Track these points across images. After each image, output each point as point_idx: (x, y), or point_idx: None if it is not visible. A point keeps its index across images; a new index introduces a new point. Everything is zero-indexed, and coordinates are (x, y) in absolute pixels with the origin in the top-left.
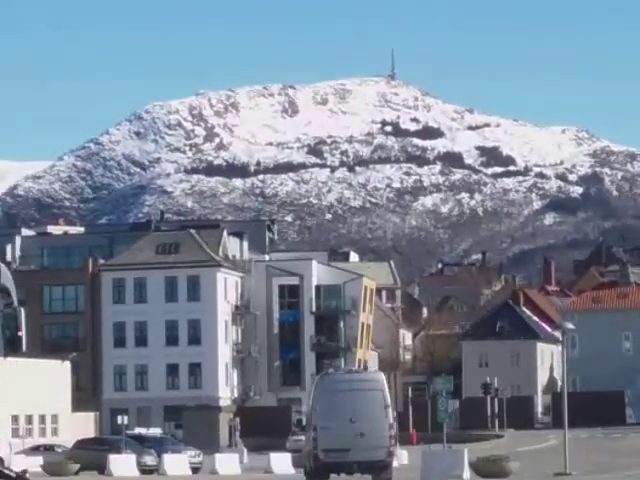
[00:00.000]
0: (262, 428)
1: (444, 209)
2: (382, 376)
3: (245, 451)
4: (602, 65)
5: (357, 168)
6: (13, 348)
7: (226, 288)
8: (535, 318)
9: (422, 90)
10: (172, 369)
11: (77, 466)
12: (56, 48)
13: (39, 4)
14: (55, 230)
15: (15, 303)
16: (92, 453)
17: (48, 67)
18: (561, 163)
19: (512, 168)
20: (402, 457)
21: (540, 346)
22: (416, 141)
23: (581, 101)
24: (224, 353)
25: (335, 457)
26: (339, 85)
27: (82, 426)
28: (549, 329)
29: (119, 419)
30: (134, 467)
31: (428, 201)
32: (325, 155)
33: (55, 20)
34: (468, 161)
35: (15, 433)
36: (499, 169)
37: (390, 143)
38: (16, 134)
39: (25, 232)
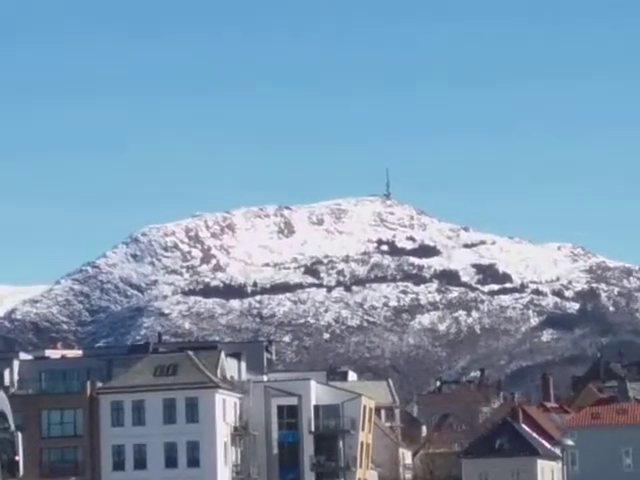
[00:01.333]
0: None
1: (441, 327)
2: None
3: None
4: (597, 181)
5: (354, 287)
6: (11, 473)
7: (225, 409)
8: (535, 435)
9: (417, 209)
10: None
11: None
12: (53, 172)
13: (33, 132)
14: (53, 354)
15: (12, 428)
16: None
17: (45, 191)
18: (557, 279)
19: (508, 285)
20: None
21: (540, 463)
22: (412, 259)
23: (576, 217)
24: (224, 475)
25: None
26: (335, 205)
27: None
28: (549, 446)
29: None
30: None
31: (425, 319)
32: (322, 275)
33: (52, 143)
34: (464, 279)
35: None
36: (496, 286)
37: (386, 262)
38: (13, 258)
39: (23, 356)
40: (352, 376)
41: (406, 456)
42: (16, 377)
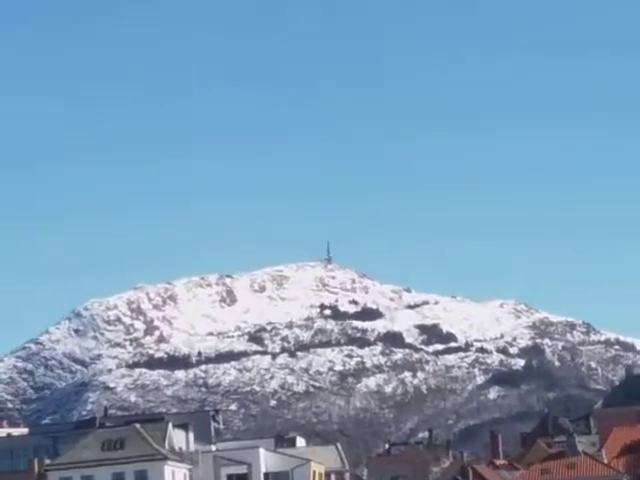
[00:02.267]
0: None
1: (388, 389)
2: None
3: None
4: (537, 236)
5: (298, 353)
6: None
7: None
8: None
9: (359, 272)
10: None
11: None
12: None
13: None
14: None
15: None
16: None
17: None
18: (501, 337)
19: (453, 344)
20: None
21: None
22: (356, 323)
23: (517, 274)
24: None
25: None
26: (276, 272)
27: None
28: None
29: None
30: None
31: (371, 382)
32: (266, 342)
33: None
34: (409, 340)
35: None
36: (440, 346)
37: (330, 326)
38: None
39: None
40: (300, 442)
41: None
42: None
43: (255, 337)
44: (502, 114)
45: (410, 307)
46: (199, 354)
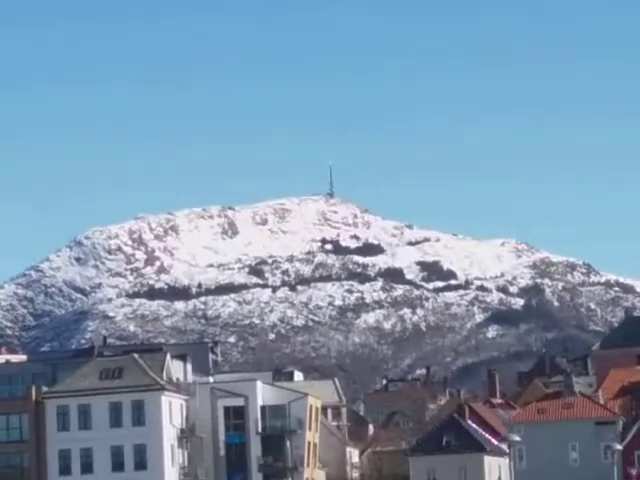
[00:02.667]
0: None
1: (387, 325)
2: None
3: None
4: (540, 175)
5: (299, 287)
6: None
7: (171, 412)
8: (481, 431)
9: (361, 207)
10: None
11: None
12: None
13: None
14: None
15: None
16: None
17: None
18: (502, 275)
19: (453, 282)
20: None
21: (487, 459)
22: (357, 258)
23: (520, 213)
24: (171, 478)
25: None
26: (278, 205)
27: None
28: (496, 442)
29: None
30: None
31: (370, 318)
32: (266, 275)
33: None
34: (409, 277)
35: None
36: (440, 284)
37: (331, 261)
38: None
39: None
40: (298, 376)
41: (353, 455)
42: None
43: (256, 270)
44: (505, 48)
45: (411, 244)
46: (199, 285)
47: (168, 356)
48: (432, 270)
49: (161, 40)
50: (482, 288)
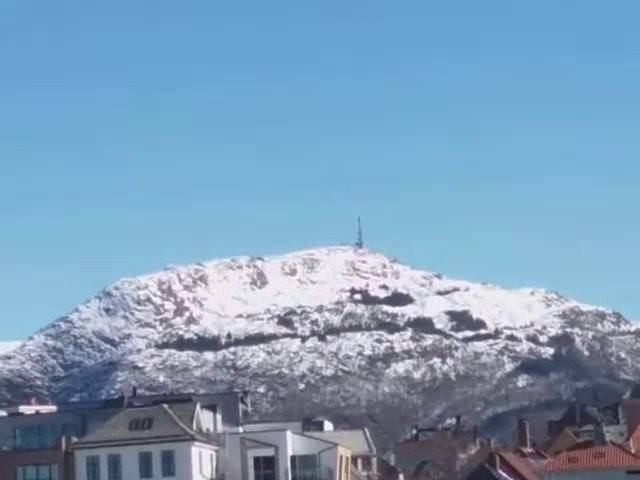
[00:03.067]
0: None
1: (417, 375)
2: None
3: None
4: (569, 225)
5: (328, 337)
6: None
7: (201, 462)
8: None
9: (389, 257)
10: None
11: None
12: (23, 227)
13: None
14: (27, 410)
15: None
16: None
17: (15, 246)
18: (531, 325)
19: (483, 331)
20: None
21: None
22: (386, 308)
23: (549, 262)
24: None
25: None
26: (307, 255)
27: None
28: None
29: None
30: None
31: (400, 367)
32: (295, 325)
33: (22, 197)
34: (439, 326)
35: None
36: (470, 333)
37: (360, 311)
38: None
39: None
40: (328, 426)
41: None
42: None
43: (285, 320)
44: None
45: (440, 293)
46: (228, 336)
47: (198, 406)
48: (461, 320)
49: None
50: (512, 337)
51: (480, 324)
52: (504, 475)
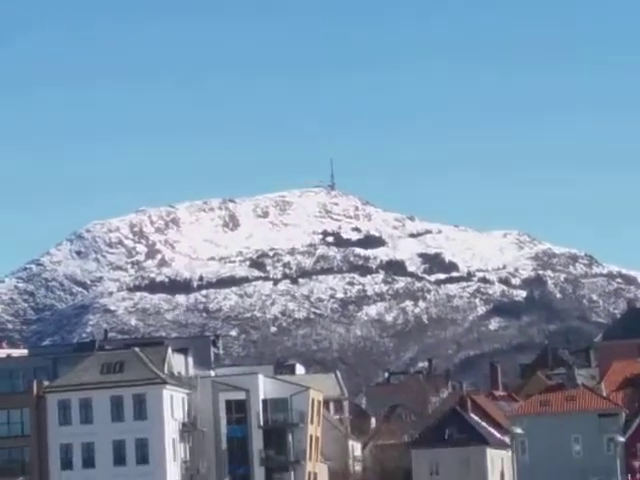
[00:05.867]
0: None
1: (389, 318)
2: None
3: None
4: (541, 167)
5: (300, 280)
6: None
7: (172, 406)
8: (484, 424)
9: (362, 199)
10: None
11: None
12: None
13: None
14: None
15: None
16: None
17: None
18: (504, 267)
19: (455, 274)
20: None
21: (490, 452)
22: (358, 250)
23: (521, 204)
24: (173, 472)
25: None
26: (279, 197)
27: None
28: (498, 435)
29: None
30: None
31: (372, 310)
32: (268, 268)
33: None
34: (411, 269)
35: None
36: (442, 276)
37: (332, 253)
38: None
39: None
40: (300, 369)
41: (356, 448)
42: None
43: (257, 263)
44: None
45: (413, 236)
46: (200, 278)
47: (169, 350)
48: (434, 262)
49: (162, 39)
50: (484, 280)
51: (452, 267)
52: (476, 418)
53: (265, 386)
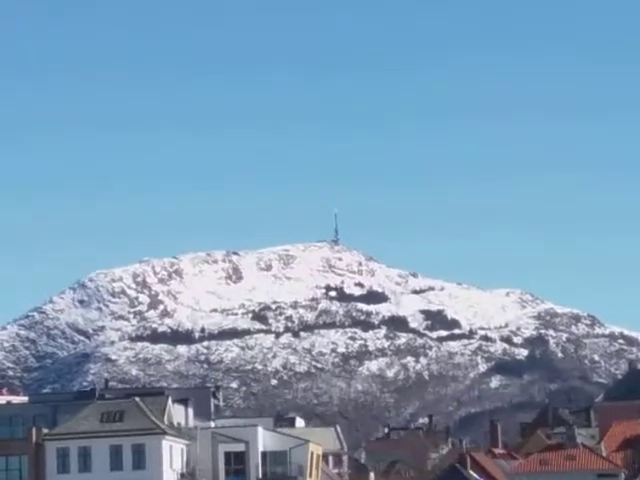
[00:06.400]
0: None
1: (390, 373)
2: None
3: None
4: (544, 227)
5: (302, 333)
6: None
7: (172, 456)
8: None
9: (366, 255)
10: None
11: None
12: None
13: None
14: None
15: None
16: None
17: None
18: (506, 326)
19: (457, 331)
20: None
21: None
22: (360, 305)
23: (525, 264)
24: None
25: None
26: (283, 251)
27: None
28: None
29: None
30: None
31: (374, 365)
32: (270, 321)
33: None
34: (413, 325)
35: None
36: (444, 332)
37: (334, 308)
38: None
39: None
40: (300, 422)
41: None
42: None
43: (259, 315)
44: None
45: (416, 292)
46: (202, 330)
47: (170, 400)
48: (436, 319)
49: (163, 92)
50: (486, 338)
51: (454, 324)
52: (475, 476)
53: (265, 438)
